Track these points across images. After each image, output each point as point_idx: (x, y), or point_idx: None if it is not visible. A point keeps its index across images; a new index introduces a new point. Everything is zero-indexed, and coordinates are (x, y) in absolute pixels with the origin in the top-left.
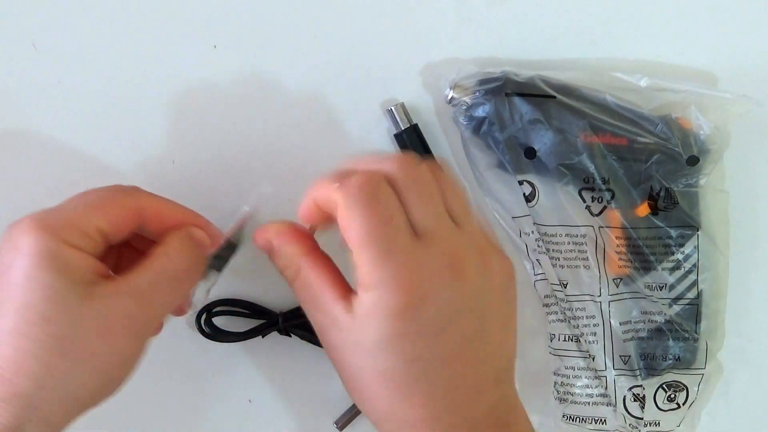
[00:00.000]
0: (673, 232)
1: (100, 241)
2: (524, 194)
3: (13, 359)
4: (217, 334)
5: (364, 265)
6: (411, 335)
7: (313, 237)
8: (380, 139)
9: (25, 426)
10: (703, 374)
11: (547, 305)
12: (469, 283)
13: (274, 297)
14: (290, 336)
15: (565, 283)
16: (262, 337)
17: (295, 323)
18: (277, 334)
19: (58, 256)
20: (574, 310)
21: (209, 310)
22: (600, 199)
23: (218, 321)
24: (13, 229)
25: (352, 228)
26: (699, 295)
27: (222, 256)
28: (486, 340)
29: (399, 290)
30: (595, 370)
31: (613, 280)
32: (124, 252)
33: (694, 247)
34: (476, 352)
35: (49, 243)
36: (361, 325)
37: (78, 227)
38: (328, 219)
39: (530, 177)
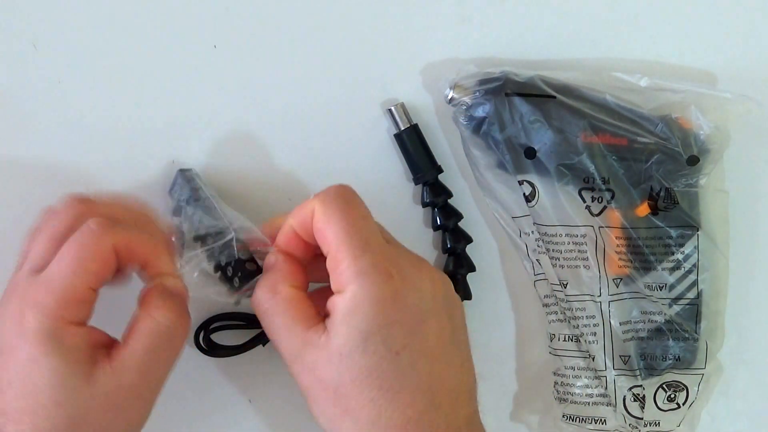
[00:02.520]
0: (673, 232)
1: (94, 299)
2: (524, 194)
3: None
4: (216, 350)
5: (345, 258)
6: (396, 323)
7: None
8: (380, 139)
9: None
10: (703, 374)
11: (547, 305)
12: (437, 285)
13: None
14: None
15: (565, 283)
16: (263, 345)
17: None
18: None
19: (60, 338)
20: (574, 310)
21: (206, 328)
22: (600, 199)
23: (216, 336)
24: (8, 309)
25: (332, 225)
26: (699, 295)
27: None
28: (459, 347)
29: (382, 276)
30: (595, 370)
31: (613, 280)
32: None
33: (694, 247)
34: (452, 357)
35: (51, 326)
36: (343, 327)
37: (74, 300)
38: (304, 247)
39: (530, 177)
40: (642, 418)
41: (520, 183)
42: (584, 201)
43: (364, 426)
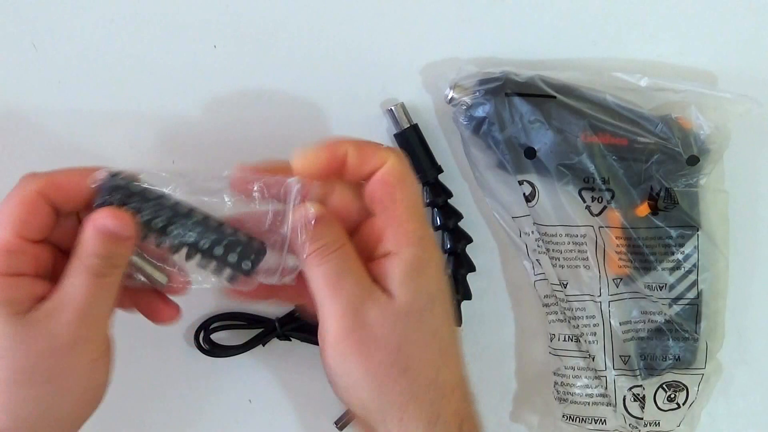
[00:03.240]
0: (673, 232)
1: (38, 251)
2: (524, 194)
3: None
4: (217, 350)
5: (411, 221)
6: (446, 292)
7: None
8: (380, 139)
9: None
10: (703, 374)
11: (547, 305)
12: None
13: (266, 304)
14: (290, 340)
15: (565, 283)
16: (263, 345)
17: (292, 326)
18: (276, 339)
19: None
20: (574, 310)
21: (206, 328)
22: (600, 199)
23: (216, 336)
24: None
25: (406, 187)
26: (699, 295)
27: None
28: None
29: (437, 249)
30: (595, 370)
31: (613, 280)
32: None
33: (694, 247)
34: None
35: None
36: (410, 286)
37: (6, 250)
38: (330, 174)
39: (530, 177)
40: (642, 418)
41: (520, 183)
42: (584, 201)
43: (421, 386)
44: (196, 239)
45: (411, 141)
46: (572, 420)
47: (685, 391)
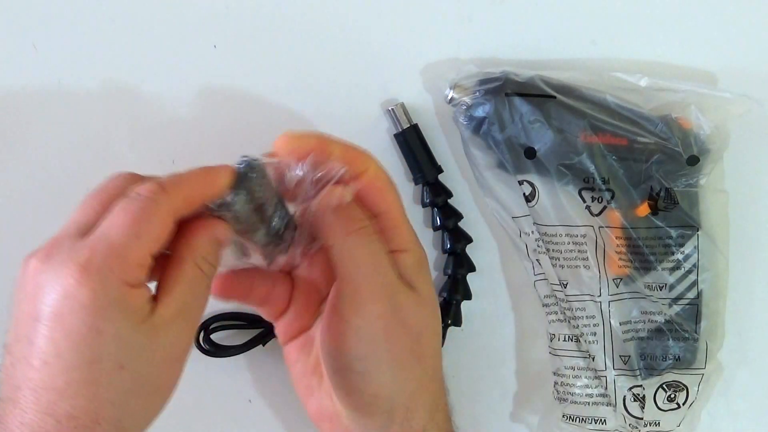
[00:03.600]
0: (673, 232)
1: (151, 266)
2: (524, 194)
3: (90, 409)
4: (217, 350)
5: (405, 222)
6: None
7: None
8: (380, 139)
9: None
10: (703, 374)
11: (547, 305)
12: None
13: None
14: None
15: (565, 283)
16: (263, 345)
17: None
18: (276, 339)
19: (121, 302)
20: (574, 310)
21: (206, 328)
22: (600, 199)
23: (216, 336)
24: (53, 272)
25: (392, 191)
26: (699, 295)
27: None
28: None
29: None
30: (595, 370)
31: (613, 280)
32: None
33: (694, 247)
34: None
35: (110, 291)
36: (424, 279)
37: (133, 263)
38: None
39: (530, 177)
40: (642, 418)
41: (520, 183)
42: (584, 201)
43: (429, 375)
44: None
45: (411, 141)
46: (572, 420)
47: (685, 391)
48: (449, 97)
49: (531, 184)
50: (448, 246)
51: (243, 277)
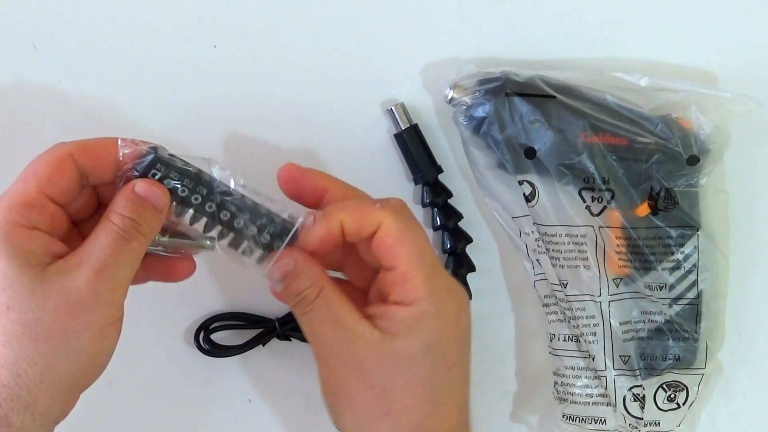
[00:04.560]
0: (673, 232)
1: (56, 212)
2: (524, 194)
3: None
4: (217, 350)
5: (417, 276)
6: (453, 339)
7: None
8: (380, 139)
9: (10, 416)
10: (703, 374)
11: (547, 305)
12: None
13: (266, 304)
14: (290, 340)
15: (565, 283)
16: (263, 345)
17: (292, 326)
18: (276, 339)
19: (9, 241)
20: (574, 310)
21: (206, 328)
22: (600, 199)
23: (216, 336)
24: None
25: (406, 244)
26: (699, 295)
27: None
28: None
29: (452, 297)
30: (595, 370)
31: (613, 280)
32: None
33: (694, 247)
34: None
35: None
36: (406, 334)
37: (22, 203)
38: (338, 244)
39: (530, 177)
40: (642, 418)
41: (520, 183)
42: (584, 201)
43: (403, 430)
44: (231, 219)
45: (411, 141)
46: (572, 420)
47: (685, 391)
48: (449, 97)
49: (531, 184)
50: (448, 246)
51: None
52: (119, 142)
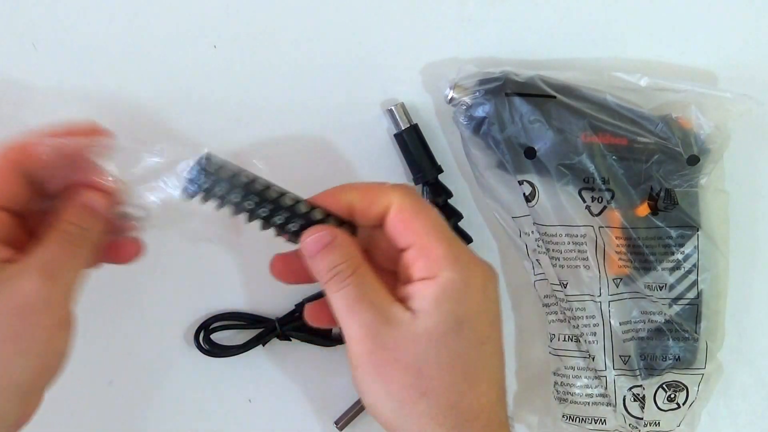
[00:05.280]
0: (673, 232)
1: (3, 218)
2: (524, 194)
3: None
4: (217, 350)
5: (439, 245)
6: (483, 312)
7: None
8: (380, 139)
9: None
10: (703, 374)
11: (547, 305)
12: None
13: (266, 304)
14: (290, 340)
15: (565, 283)
16: (263, 345)
17: (292, 326)
18: (276, 339)
19: None
20: (574, 310)
21: (206, 328)
22: (600, 199)
23: (216, 336)
24: None
25: (422, 217)
26: (699, 295)
27: None
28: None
29: (477, 266)
30: (595, 370)
31: (613, 280)
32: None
33: (694, 247)
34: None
35: None
36: (436, 309)
37: None
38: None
39: (530, 177)
40: (642, 418)
41: (520, 183)
42: (584, 201)
43: (441, 409)
44: (262, 211)
45: (411, 141)
46: (572, 420)
47: (685, 391)
48: (449, 97)
49: (531, 184)
50: None
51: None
52: (46, 140)
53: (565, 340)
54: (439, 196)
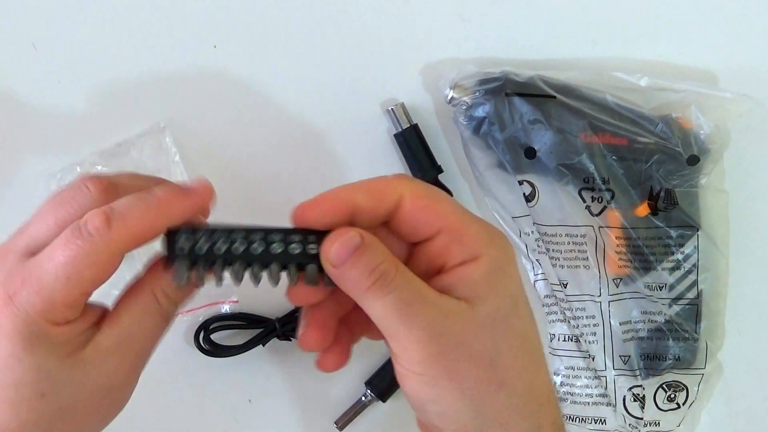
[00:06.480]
0: (673, 232)
1: (88, 298)
2: (524, 194)
3: (13, 428)
4: (217, 350)
5: (471, 225)
6: (524, 290)
7: None
8: (380, 139)
9: None
10: (703, 374)
11: (547, 305)
12: None
13: (266, 304)
14: (290, 340)
15: (565, 283)
16: (263, 345)
17: (292, 326)
18: (276, 339)
19: (44, 336)
20: (574, 310)
21: (206, 328)
22: (600, 199)
23: (216, 336)
24: None
25: (442, 202)
26: (699, 295)
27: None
28: None
29: (505, 238)
30: (595, 370)
31: (613, 280)
32: None
33: (694, 247)
34: None
35: (32, 326)
36: (491, 292)
37: (64, 305)
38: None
39: (530, 177)
40: (642, 418)
41: (520, 183)
42: (584, 201)
43: (521, 398)
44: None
45: (411, 141)
46: (572, 420)
47: (685, 391)
48: (449, 97)
49: (531, 184)
50: None
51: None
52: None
53: (565, 340)
54: None
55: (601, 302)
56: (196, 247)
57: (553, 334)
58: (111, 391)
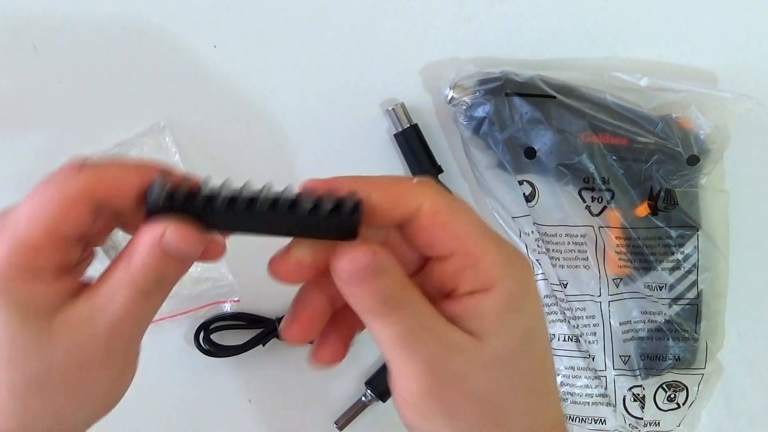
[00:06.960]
0: (673, 232)
1: (63, 251)
2: (524, 194)
3: None
4: (217, 350)
5: (489, 250)
6: (540, 312)
7: None
8: (380, 139)
9: None
10: (703, 374)
11: (547, 305)
12: None
13: (266, 304)
14: None
15: (565, 283)
16: (263, 345)
17: None
18: (276, 339)
19: (10, 292)
20: (574, 310)
21: (206, 328)
22: (600, 199)
23: (216, 336)
24: None
25: (463, 218)
26: (699, 295)
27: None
28: None
29: (526, 264)
30: (595, 370)
31: (613, 280)
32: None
33: (694, 247)
34: None
35: (1, 280)
36: (503, 326)
37: (31, 246)
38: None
39: (530, 177)
40: (642, 418)
41: (520, 183)
42: (584, 201)
43: (525, 429)
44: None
45: (411, 141)
46: (572, 420)
47: (685, 391)
48: (449, 97)
49: (531, 184)
50: None
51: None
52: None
53: (565, 340)
54: None
55: (601, 302)
56: (175, 194)
57: (553, 334)
58: (84, 370)
